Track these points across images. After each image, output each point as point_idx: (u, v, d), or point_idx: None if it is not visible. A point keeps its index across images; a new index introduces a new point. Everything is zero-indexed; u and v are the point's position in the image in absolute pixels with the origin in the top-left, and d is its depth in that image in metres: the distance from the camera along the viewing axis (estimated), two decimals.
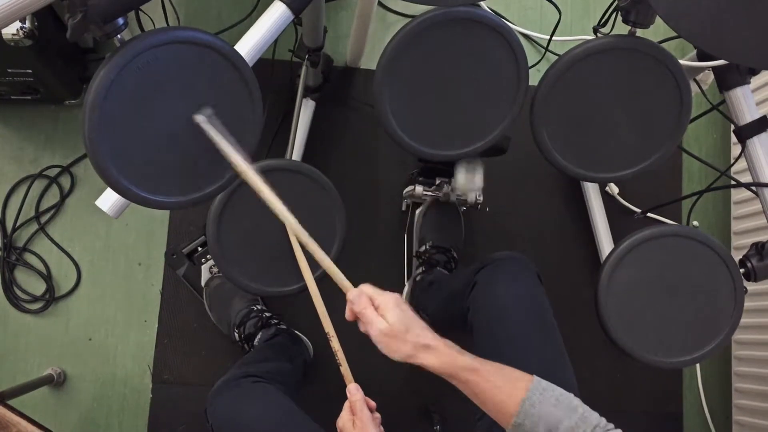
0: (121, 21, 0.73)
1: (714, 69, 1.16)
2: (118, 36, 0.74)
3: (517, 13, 1.76)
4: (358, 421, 0.81)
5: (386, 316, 0.79)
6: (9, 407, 1.10)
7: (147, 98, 0.77)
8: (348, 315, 0.83)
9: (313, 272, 0.92)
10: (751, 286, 1.16)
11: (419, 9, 0.93)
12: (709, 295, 1.09)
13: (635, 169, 1.08)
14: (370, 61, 1.66)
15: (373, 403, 0.85)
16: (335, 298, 0.86)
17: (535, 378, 0.80)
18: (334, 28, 1.67)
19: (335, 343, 0.84)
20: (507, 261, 1.07)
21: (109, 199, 0.96)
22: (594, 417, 0.76)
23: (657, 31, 1.20)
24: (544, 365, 0.94)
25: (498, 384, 0.79)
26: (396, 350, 0.79)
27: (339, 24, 1.68)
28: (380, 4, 1.67)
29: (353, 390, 0.83)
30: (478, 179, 1.36)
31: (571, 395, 0.79)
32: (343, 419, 0.83)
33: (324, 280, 0.90)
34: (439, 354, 0.80)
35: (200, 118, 0.79)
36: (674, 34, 1.51)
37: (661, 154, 1.07)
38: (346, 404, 0.84)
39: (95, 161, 0.76)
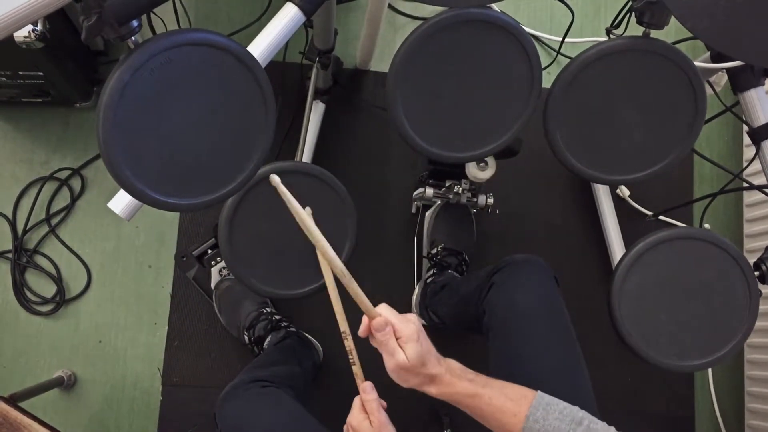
0: (135, 23, 0.73)
1: (728, 70, 1.16)
2: (132, 38, 0.74)
3: (527, 15, 1.75)
4: (375, 420, 0.80)
5: (406, 349, 0.80)
6: (21, 409, 1.10)
7: (161, 100, 0.76)
8: (363, 334, 0.83)
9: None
10: (765, 289, 1.15)
11: (429, 11, 0.92)
12: (723, 299, 1.08)
13: (649, 171, 1.08)
14: (379, 63, 1.66)
15: (384, 403, 0.84)
16: (349, 297, 0.85)
17: (539, 393, 0.80)
18: (344, 30, 1.67)
19: (350, 342, 0.84)
20: (524, 263, 1.06)
21: (121, 201, 0.96)
22: (601, 426, 0.76)
23: (668, 32, 1.19)
24: (560, 368, 0.94)
25: (500, 406, 0.80)
26: (406, 381, 0.82)
27: (348, 26, 1.68)
28: (390, 6, 1.67)
29: (368, 389, 0.83)
30: (489, 171, 1.34)
31: (576, 408, 0.79)
32: (357, 419, 0.82)
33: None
34: (440, 385, 0.82)
35: (277, 180, 0.78)
36: (686, 36, 1.51)
37: (675, 156, 1.06)
38: (357, 404, 0.83)
39: (109, 162, 0.75)
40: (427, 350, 0.81)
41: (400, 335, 0.80)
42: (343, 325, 0.84)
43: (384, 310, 0.82)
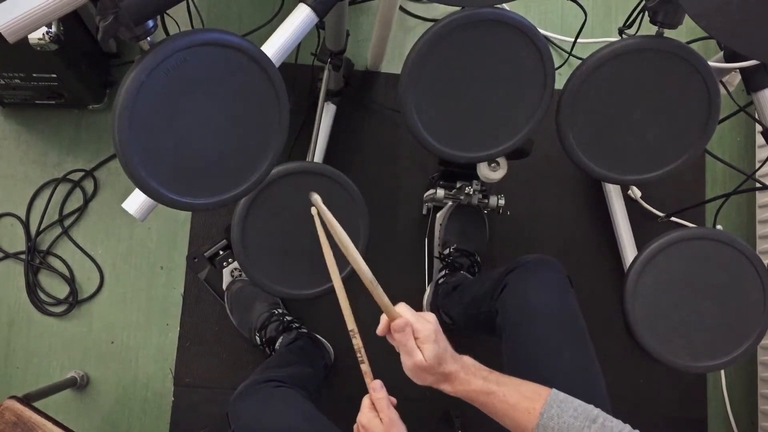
0: (151, 23, 0.73)
1: (741, 70, 1.15)
2: (148, 38, 0.74)
3: (537, 16, 1.75)
4: (385, 417, 0.80)
5: (424, 349, 0.81)
6: (35, 409, 1.10)
7: (176, 100, 0.77)
8: (382, 332, 0.84)
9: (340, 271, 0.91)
10: None
11: (439, 13, 0.92)
12: (737, 300, 1.08)
13: (662, 172, 1.07)
14: (390, 65, 1.66)
15: (394, 400, 0.84)
16: (357, 296, 0.85)
17: (553, 391, 0.80)
18: (355, 32, 1.67)
19: (358, 341, 0.84)
20: (538, 263, 1.06)
21: (135, 202, 0.96)
22: (616, 424, 0.76)
23: (680, 33, 1.19)
24: (574, 368, 0.94)
25: (514, 403, 0.80)
26: (422, 380, 0.83)
27: (359, 28, 1.68)
28: (401, 8, 1.67)
29: (377, 387, 0.82)
30: (500, 171, 1.34)
31: (591, 406, 0.79)
32: (367, 417, 0.81)
33: (349, 279, 0.89)
34: (455, 383, 0.83)
35: (316, 197, 0.80)
36: (697, 36, 1.51)
37: (688, 156, 1.06)
38: (366, 402, 0.83)
39: (125, 162, 0.76)
40: (444, 349, 0.82)
41: (419, 335, 0.81)
42: (351, 324, 0.84)
43: (403, 310, 0.83)
